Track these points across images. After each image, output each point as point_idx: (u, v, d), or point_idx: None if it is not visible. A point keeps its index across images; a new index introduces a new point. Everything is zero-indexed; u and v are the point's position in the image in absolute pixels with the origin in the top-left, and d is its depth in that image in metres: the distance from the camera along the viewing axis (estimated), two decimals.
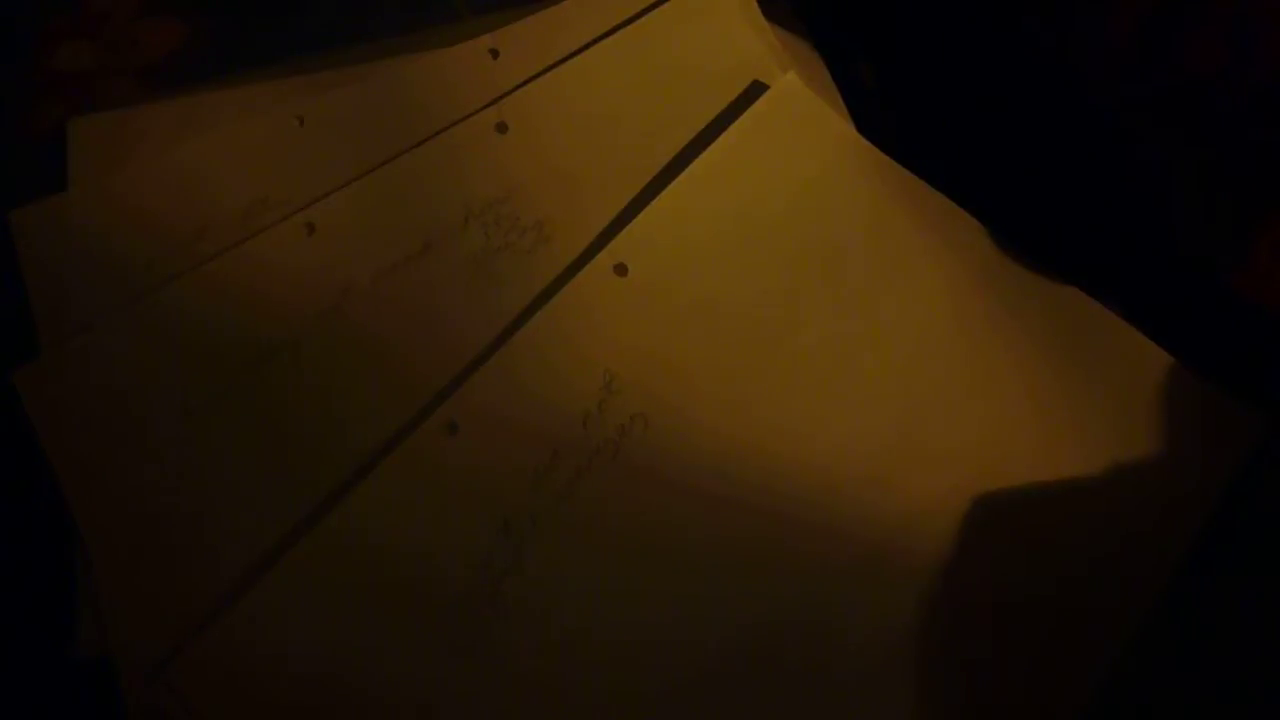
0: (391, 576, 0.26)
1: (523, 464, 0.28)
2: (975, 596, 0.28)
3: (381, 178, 0.32)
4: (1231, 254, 0.28)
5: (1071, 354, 0.31)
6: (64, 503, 0.27)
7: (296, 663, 0.25)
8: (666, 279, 0.30)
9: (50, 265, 0.31)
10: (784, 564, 0.28)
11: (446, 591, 0.26)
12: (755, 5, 0.36)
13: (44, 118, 0.36)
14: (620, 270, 0.30)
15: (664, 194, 0.31)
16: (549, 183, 0.32)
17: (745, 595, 0.27)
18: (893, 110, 0.36)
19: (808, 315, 0.31)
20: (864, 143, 0.33)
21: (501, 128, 0.33)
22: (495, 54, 0.35)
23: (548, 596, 0.27)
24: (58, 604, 0.27)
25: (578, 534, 0.27)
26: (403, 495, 0.27)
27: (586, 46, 0.34)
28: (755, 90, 0.34)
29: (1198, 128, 0.28)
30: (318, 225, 0.31)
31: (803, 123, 0.33)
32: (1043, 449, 0.30)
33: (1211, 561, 0.28)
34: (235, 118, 0.34)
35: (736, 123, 0.32)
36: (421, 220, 0.31)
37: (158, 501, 0.27)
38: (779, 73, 0.34)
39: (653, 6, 0.35)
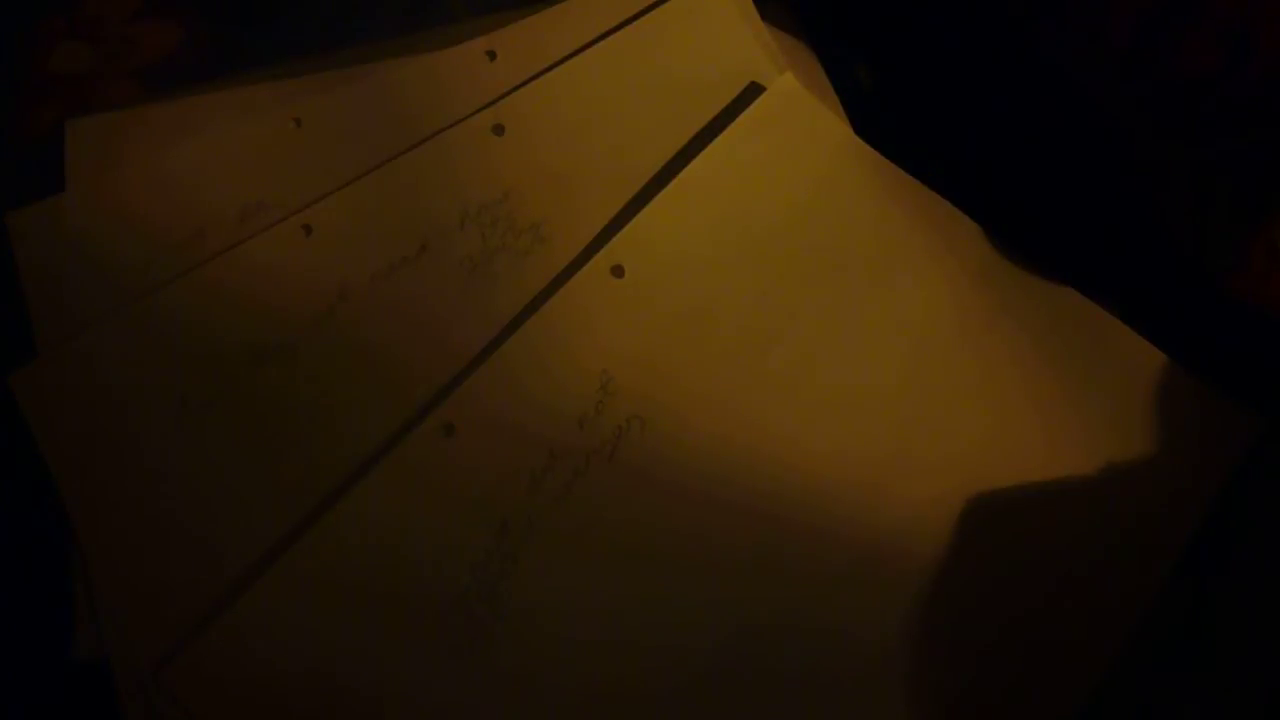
0: (388, 578, 0.26)
1: (519, 466, 0.28)
2: (973, 599, 0.28)
3: (378, 179, 0.32)
4: (1227, 255, 0.28)
5: (1069, 355, 0.31)
6: (61, 505, 0.27)
7: (293, 664, 0.25)
8: (663, 281, 0.30)
9: (47, 267, 0.31)
10: (782, 567, 0.28)
11: (443, 593, 0.26)
12: (752, 7, 0.36)
13: (41, 119, 0.36)
14: (617, 272, 0.30)
15: (661, 196, 0.31)
16: (545, 184, 0.32)
17: (741, 598, 0.27)
18: (890, 112, 0.36)
19: (805, 317, 0.31)
20: (861, 144, 0.33)
21: (498, 130, 0.33)
22: (492, 56, 0.35)
23: (544, 598, 0.27)
24: (55, 606, 0.27)
25: (574, 536, 0.27)
26: (399, 497, 0.27)
27: (583, 48, 0.34)
28: (752, 92, 0.34)
29: (1194, 129, 0.28)
30: (315, 227, 0.31)
31: (800, 124, 0.33)
32: (1040, 450, 0.30)
33: (1208, 562, 0.28)
34: (232, 119, 0.34)
35: (733, 124, 0.32)
36: (418, 222, 0.31)
37: (154, 504, 0.28)
38: (776, 74, 0.34)
39: (649, 8, 0.35)
